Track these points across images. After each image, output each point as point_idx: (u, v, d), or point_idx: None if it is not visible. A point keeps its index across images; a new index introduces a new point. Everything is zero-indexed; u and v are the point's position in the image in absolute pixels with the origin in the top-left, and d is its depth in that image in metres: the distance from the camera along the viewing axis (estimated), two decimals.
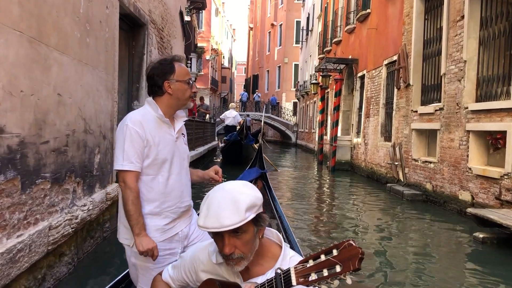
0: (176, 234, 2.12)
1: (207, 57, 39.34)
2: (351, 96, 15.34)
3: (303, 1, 31.54)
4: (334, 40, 17.67)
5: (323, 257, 1.28)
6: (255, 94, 38.89)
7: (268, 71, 43.14)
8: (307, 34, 28.60)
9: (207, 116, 18.34)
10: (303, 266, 1.30)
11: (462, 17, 7.29)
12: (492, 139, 6.50)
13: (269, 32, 42.97)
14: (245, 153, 13.27)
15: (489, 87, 6.81)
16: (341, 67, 15.85)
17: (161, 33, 8.01)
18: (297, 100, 32.40)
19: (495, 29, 6.70)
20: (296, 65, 35.28)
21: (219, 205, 1.42)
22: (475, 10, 7.07)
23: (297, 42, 34.44)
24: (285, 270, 1.34)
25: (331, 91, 16.48)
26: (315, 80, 20.43)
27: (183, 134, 2.24)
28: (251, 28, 54.70)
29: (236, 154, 13.26)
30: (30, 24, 2.96)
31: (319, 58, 20.59)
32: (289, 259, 1.51)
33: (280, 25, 39.50)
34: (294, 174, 13.35)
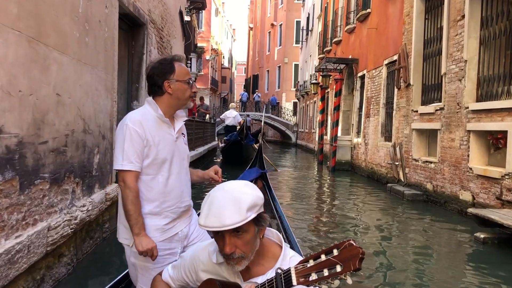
0: (176, 234, 2.11)
1: (207, 57, 39.34)
2: (351, 96, 15.33)
3: (303, 1, 31.54)
4: (334, 40, 17.66)
5: (324, 257, 1.28)
6: (255, 94, 38.90)
7: (268, 71, 43.14)
8: (307, 34, 28.59)
9: (207, 116, 18.34)
10: (304, 266, 1.30)
11: (463, 17, 7.28)
12: (493, 139, 6.48)
13: (269, 32, 42.97)
14: (245, 153, 13.27)
15: (490, 87, 6.79)
16: (341, 67, 15.84)
17: (161, 33, 7.99)
18: (297, 100, 32.39)
19: (496, 29, 6.69)
20: (296, 65, 35.28)
21: (221, 205, 1.41)
22: (476, 10, 7.06)
23: (297, 42, 34.45)
24: (286, 270, 1.34)
25: (331, 91, 16.47)
26: (315, 80, 20.43)
27: (183, 134, 2.24)
28: (251, 28, 54.70)
29: (236, 154, 13.26)
30: (29, 24, 2.95)
31: (319, 58, 20.58)
32: (289, 259, 1.51)
33: (280, 25, 39.50)
34: (294, 174, 13.33)
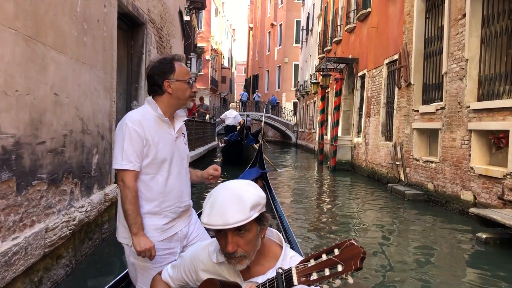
0: (175, 234, 2.11)
1: (207, 57, 39.34)
2: (352, 96, 15.30)
3: (303, 1, 31.54)
4: (334, 40, 17.65)
5: (325, 257, 1.28)
6: (255, 94, 38.92)
7: (268, 71, 43.15)
8: (307, 34, 28.58)
9: (207, 116, 18.34)
10: (305, 266, 1.30)
11: (464, 16, 7.25)
12: (495, 138, 6.45)
13: (269, 32, 42.98)
14: (246, 153, 13.27)
15: (491, 86, 6.76)
16: (342, 67, 15.83)
17: (160, 33, 7.97)
18: (297, 100, 32.39)
19: (497, 27, 6.66)
20: (296, 65, 35.28)
21: (224, 203, 1.41)
22: (477, 8, 7.03)
23: (297, 42, 34.47)
24: (287, 270, 1.34)
25: (332, 91, 16.45)
26: (315, 80, 20.40)
27: (183, 134, 2.24)
28: (251, 28, 54.72)
29: (237, 154, 13.27)
30: (26, 23, 2.92)
31: (319, 58, 20.56)
32: (290, 259, 1.52)
33: (280, 25, 39.50)
34: (295, 174, 13.31)
